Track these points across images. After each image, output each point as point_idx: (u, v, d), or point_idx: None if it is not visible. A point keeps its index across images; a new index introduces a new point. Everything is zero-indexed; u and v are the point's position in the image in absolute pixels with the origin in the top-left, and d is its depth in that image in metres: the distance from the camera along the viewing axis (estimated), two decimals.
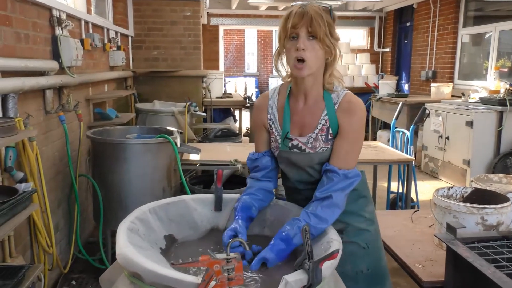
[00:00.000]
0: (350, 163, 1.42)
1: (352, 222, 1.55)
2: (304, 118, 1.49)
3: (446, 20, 6.85)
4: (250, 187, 1.56)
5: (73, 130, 3.12)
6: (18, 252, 2.19)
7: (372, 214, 1.62)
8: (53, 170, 2.80)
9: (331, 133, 1.45)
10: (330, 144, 1.45)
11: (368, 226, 1.58)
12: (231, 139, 5.12)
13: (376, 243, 1.61)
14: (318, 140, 1.46)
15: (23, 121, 2.14)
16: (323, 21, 1.34)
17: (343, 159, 1.42)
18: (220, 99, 6.50)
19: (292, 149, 1.50)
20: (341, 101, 1.44)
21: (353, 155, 1.44)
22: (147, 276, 1.05)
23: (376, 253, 1.60)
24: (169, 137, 2.84)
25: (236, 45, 15.80)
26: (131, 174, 2.78)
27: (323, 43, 1.35)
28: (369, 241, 1.57)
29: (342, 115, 1.44)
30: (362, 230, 1.56)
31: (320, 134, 1.46)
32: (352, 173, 1.41)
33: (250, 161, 1.61)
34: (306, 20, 1.34)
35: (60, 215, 2.94)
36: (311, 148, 1.47)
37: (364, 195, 1.60)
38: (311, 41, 1.35)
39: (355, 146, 1.44)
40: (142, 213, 1.41)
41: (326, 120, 1.45)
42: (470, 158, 4.92)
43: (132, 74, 5.34)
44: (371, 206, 1.64)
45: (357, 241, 1.55)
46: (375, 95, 7.19)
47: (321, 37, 1.34)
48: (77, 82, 3.04)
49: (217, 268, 0.97)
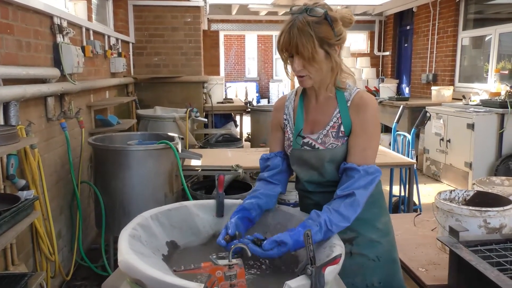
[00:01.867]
0: (368, 159, 1.39)
1: (364, 232, 1.49)
2: (316, 116, 1.50)
3: (446, 23, 6.87)
4: (255, 190, 1.54)
5: (75, 137, 3.13)
6: (20, 260, 2.19)
7: (387, 226, 1.56)
8: (54, 177, 2.81)
9: (343, 130, 1.43)
10: (341, 141, 1.43)
11: (380, 238, 1.52)
12: (232, 144, 5.12)
13: (389, 256, 1.54)
14: (328, 136, 1.45)
15: (25, 128, 2.15)
16: (311, 40, 1.31)
17: (360, 155, 1.39)
18: (221, 104, 6.51)
19: (303, 147, 1.49)
20: (353, 98, 1.44)
21: (370, 151, 1.41)
22: (149, 283, 1.04)
23: (390, 266, 1.53)
24: (170, 143, 2.85)
25: (236, 50, 15.85)
26: (133, 180, 2.79)
27: (315, 61, 1.34)
28: (381, 254, 1.51)
29: (354, 112, 1.43)
30: (373, 242, 1.50)
31: (331, 130, 1.45)
32: (372, 168, 1.37)
33: (262, 160, 1.61)
34: (293, 44, 1.33)
35: (62, 222, 2.94)
36: (321, 144, 1.46)
37: (379, 204, 1.55)
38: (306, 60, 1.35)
39: (371, 141, 1.42)
40: (144, 219, 1.41)
41: (338, 118, 1.44)
42: (472, 161, 4.91)
43: (133, 80, 5.36)
44: (386, 217, 1.57)
45: (367, 253, 1.50)
46: (376, 98, 7.18)
47: (310, 58, 1.33)
48: (79, 89, 3.05)
49: (219, 275, 0.97)
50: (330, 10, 1.38)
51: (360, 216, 1.40)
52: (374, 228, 1.51)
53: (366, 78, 8.77)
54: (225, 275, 0.97)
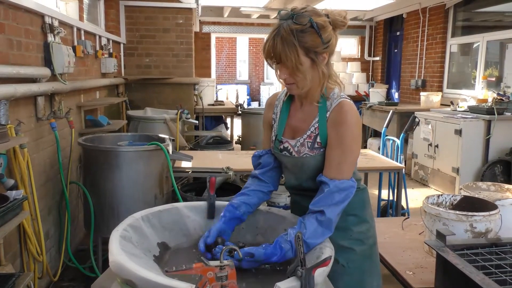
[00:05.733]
0: (343, 173, 1.36)
1: (335, 237, 1.42)
2: (297, 122, 1.49)
3: (435, 30, 6.97)
4: (245, 187, 1.55)
5: (64, 137, 3.10)
6: (7, 260, 2.17)
7: (363, 235, 1.53)
8: (43, 177, 2.78)
9: (319, 141, 1.42)
10: (316, 152, 1.42)
11: (353, 245, 1.51)
12: (223, 146, 5.13)
13: (359, 265, 1.52)
14: (304, 145, 1.44)
15: (14, 128, 2.13)
16: (294, 50, 1.28)
17: (335, 169, 1.37)
18: (212, 106, 6.51)
19: (282, 152, 1.50)
20: (333, 109, 1.40)
21: (346, 165, 1.37)
22: (140, 284, 1.05)
23: (358, 275, 1.52)
24: (161, 144, 2.84)
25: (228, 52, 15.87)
26: (123, 181, 2.77)
27: (299, 71, 1.31)
28: (350, 261, 1.50)
29: (332, 124, 1.39)
30: (344, 248, 1.49)
31: (307, 140, 1.44)
32: (345, 184, 1.34)
33: (254, 158, 1.61)
34: (275, 54, 1.30)
35: (51, 223, 2.91)
36: (296, 152, 1.46)
37: (355, 213, 1.53)
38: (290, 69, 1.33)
39: (347, 156, 1.37)
40: (134, 220, 1.41)
41: (316, 128, 1.43)
42: (459, 166, 4.98)
43: (124, 81, 5.33)
44: (364, 226, 1.54)
45: (336, 257, 1.45)
46: (366, 103, 7.26)
47: (294, 67, 1.30)
48: (69, 89, 3.04)
49: (210, 275, 0.98)
50: (318, 16, 1.32)
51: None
52: (346, 236, 1.50)
53: (357, 82, 8.85)
54: (216, 276, 0.98)
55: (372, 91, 7.58)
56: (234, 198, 1.53)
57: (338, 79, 1.43)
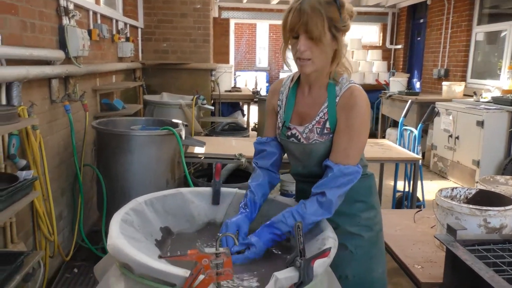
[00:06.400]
0: (349, 159, 1.36)
1: (343, 224, 1.49)
2: (305, 108, 1.46)
3: (460, 17, 6.73)
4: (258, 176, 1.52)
5: (79, 120, 3.13)
6: (20, 238, 2.21)
7: (370, 221, 1.54)
8: (57, 159, 2.82)
9: (328, 127, 1.40)
10: (325, 138, 1.41)
11: (360, 231, 1.51)
12: (238, 133, 5.11)
13: (367, 251, 1.52)
14: (313, 132, 1.43)
15: (27, 109, 2.15)
16: (321, 19, 1.27)
17: (341, 154, 1.37)
18: (228, 93, 6.48)
19: (289, 138, 1.48)
20: (343, 94, 1.39)
21: (353, 151, 1.37)
22: (137, 268, 1.04)
23: (366, 261, 1.52)
24: (173, 129, 2.84)
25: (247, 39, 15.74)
26: (134, 165, 2.79)
27: (322, 43, 1.30)
28: (358, 247, 1.51)
29: (341, 109, 1.38)
30: (353, 234, 1.50)
31: (316, 126, 1.42)
32: (349, 169, 1.35)
33: (257, 144, 1.58)
34: (303, 21, 1.28)
35: (64, 204, 2.96)
36: (305, 139, 1.44)
37: (363, 199, 1.53)
38: (312, 41, 1.30)
39: (355, 141, 1.37)
40: (137, 204, 1.40)
41: (324, 113, 1.41)
42: (480, 159, 4.84)
43: (141, 65, 5.34)
44: (372, 213, 1.55)
45: (345, 243, 1.49)
46: (386, 92, 7.11)
47: (318, 38, 1.28)
48: (84, 72, 3.05)
49: (205, 263, 0.96)
50: None
51: (341, 210, 1.41)
52: (354, 222, 1.51)
53: (377, 71, 8.66)
54: (211, 263, 0.96)
55: (392, 80, 7.40)
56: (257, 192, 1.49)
57: (349, 63, 1.42)
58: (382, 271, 1.57)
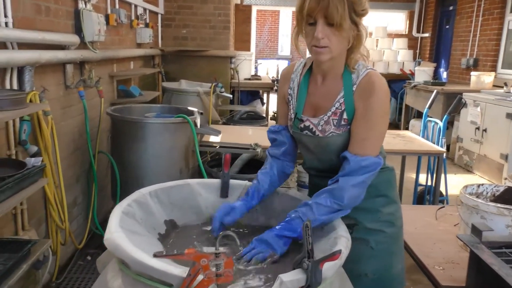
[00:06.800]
0: (367, 150, 1.28)
1: (363, 220, 1.41)
2: (319, 98, 1.37)
3: (493, 4, 6.41)
4: (267, 164, 1.48)
5: (95, 107, 3.11)
6: (31, 226, 2.21)
7: (392, 216, 1.46)
8: (72, 145, 2.80)
9: (346, 117, 1.31)
10: (343, 130, 1.32)
11: (382, 227, 1.43)
12: (256, 122, 5.02)
13: (388, 247, 1.45)
14: (329, 123, 1.34)
15: (39, 94, 2.12)
16: (342, 2, 1.17)
17: (359, 145, 1.28)
18: (248, 81, 6.38)
19: (303, 131, 1.39)
20: (360, 82, 1.29)
21: (371, 141, 1.29)
22: (132, 265, 0.98)
23: (386, 258, 1.45)
24: (187, 117, 2.78)
25: (270, 26, 15.54)
26: (148, 153, 2.75)
27: (342, 29, 1.19)
28: (379, 243, 1.43)
29: (359, 97, 1.29)
30: (373, 230, 1.42)
31: (333, 117, 1.33)
32: (367, 161, 1.26)
33: (270, 133, 1.52)
34: (322, 5, 1.17)
35: (79, 191, 2.95)
36: (321, 131, 1.35)
37: (384, 194, 1.45)
38: (331, 28, 1.20)
39: (374, 131, 1.29)
40: (141, 196, 1.35)
41: (341, 103, 1.31)
42: (509, 153, 4.62)
43: (160, 52, 5.29)
44: (393, 207, 1.47)
45: (366, 238, 1.42)
46: (410, 82, 6.87)
47: (338, 23, 1.18)
48: (99, 58, 3.01)
49: (204, 263, 0.89)
50: None
51: (360, 205, 1.32)
52: (375, 218, 1.43)
53: (402, 60, 8.38)
54: (210, 264, 0.89)
55: (418, 70, 7.15)
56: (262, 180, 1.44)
57: (366, 50, 1.33)
58: (401, 268, 1.50)
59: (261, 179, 1.44)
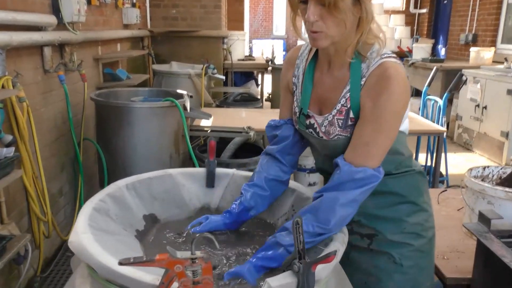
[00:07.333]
0: (367, 158, 1.04)
1: (383, 230, 1.20)
2: (325, 90, 1.15)
3: None
4: (259, 172, 1.24)
5: (79, 91, 2.95)
6: (10, 219, 2.08)
7: (420, 227, 1.22)
8: (54, 132, 2.66)
9: (352, 117, 1.09)
10: (350, 131, 1.10)
11: (407, 239, 1.20)
12: (251, 104, 4.87)
13: (416, 263, 1.22)
14: (334, 124, 1.12)
15: (12, 79, 1.97)
16: None
17: (358, 151, 1.05)
18: (241, 61, 6.20)
19: (308, 129, 1.19)
20: (371, 74, 1.05)
21: (374, 149, 1.04)
22: (100, 271, 0.87)
23: (414, 275, 1.22)
24: (175, 101, 2.63)
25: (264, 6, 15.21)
26: (135, 139, 2.61)
27: (338, 9, 0.97)
28: (405, 257, 1.20)
29: (367, 93, 1.06)
30: (396, 243, 1.20)
31: (338, 117, 1.11)
32: (362, 174, 1.02)
33: (269, 128, 1.29)
34: None
35: (65, 180, 2.83)
36: (325, 133, 1.14)
37: (409, 200, 1.21)
38: (324, 8, 0.98)
39: (380, 136, 1.04)
40: (116, 189, 1.22)
41: (347, 99, 1.09)
42: (509, 130, 4.51)
43: (148, 33, 5.10)
44: (421, 216, 1.23)
45: (389, 251, 1.20)
46: (408, 60, 6.71)
47: (332, 2, 0.96)
48: (81, 40, 2.84)
49: (178, 269, 0.77)
50: None
51: (379, 213, 1.15)
52: (398, 228, 1.20)
53: (399, 37, 8.20)
54: (186, 270, 0.77)
55: (416, 47, 6.98)
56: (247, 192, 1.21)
57: (380, 29, 1.07)
58: (429, 285, 1.29)
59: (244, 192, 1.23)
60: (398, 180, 1.18)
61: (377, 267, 1.20)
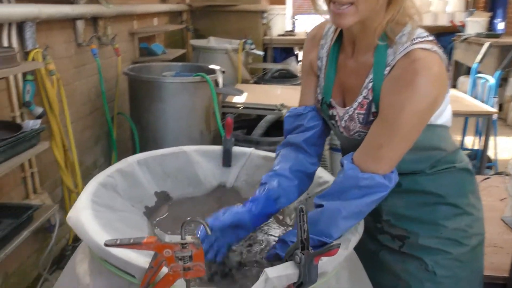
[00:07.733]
0: (379, 163, 0.90)
1: (415, 232, 1.07)
2: (348, 79, 1.01)
3: None
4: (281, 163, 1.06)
5: (113, 65, 2.97)
6: (44, 189, 2.15)
7: (462, 233, 1.07)
8: (89, 106, 2.70)
9: (375, 111, 0.95)
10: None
11: (444, 246, 1.06)
12: (288, 81, 4.74)
13: (454, 274, 1.07)
14: (354, 120, 0.99)
15: (42, 52, 1.98)
16: None
17: (371, 153, 0.91)
18: (281, 37, 6.04)
19: (331, 120, 1.06)
20: (397, 64, 0.90)
21: (390, 152, 0.90)
22: (94, 250, 0.84)
23: (449, 285, 1.08)
24: (206, 76, 2.59)
25: None
26: (166, 114, 2.61)
27: None
28: (440, 266, 1.06)
29: (389, 85, 0.91)
30: (430, 249, 1.07)
31: (358, 111, 0.98)
32: (369, 181, 0.89)
33: (290, 119, 1.11)
34: None
35: (99, 153, 2.89)
36: (345, 129, 1.03)
37: (449, 202, 1.06)
38: None
39: (397, 138, 0.89)
40: (127, 165, 1.19)
41: (369, 90, 0.95)
42: None
43: (187, 8, 5.05)
44: (465, 220, 1.07)
45: (422, 257, 1.07)
46: (461, 35, 6.25)
47: None
48: (115, 13, 2.83)
49: (168, 254, 0.72)
50: None
51: (412, 214, 1.03)
52: (434, 233, 1.06)
53: (452, 11, 7.63)
54: (176, 256, 0.72)
55: (470, 21, 6.48)
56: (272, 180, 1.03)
57: (416, 11, 0.91)
58: None
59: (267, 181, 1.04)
60: (434, 178, 1.04)
61: (407, 271, 1.08)
